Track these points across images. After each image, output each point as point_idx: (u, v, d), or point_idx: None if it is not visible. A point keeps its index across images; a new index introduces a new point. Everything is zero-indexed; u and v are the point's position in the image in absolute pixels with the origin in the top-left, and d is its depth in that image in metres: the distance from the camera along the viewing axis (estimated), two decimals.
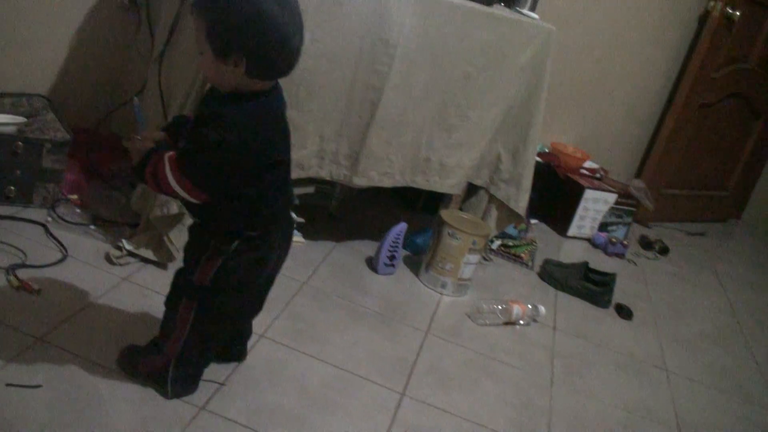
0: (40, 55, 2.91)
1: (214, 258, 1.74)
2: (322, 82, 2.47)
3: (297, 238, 2.87)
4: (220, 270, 1.75)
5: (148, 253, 2.40)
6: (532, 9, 3.03)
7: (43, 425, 1.64)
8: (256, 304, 2.02)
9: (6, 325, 1.91)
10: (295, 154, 2.53)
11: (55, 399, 1.73)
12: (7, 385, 1.72)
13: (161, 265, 2.40)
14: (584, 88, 4.32)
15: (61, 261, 2.28)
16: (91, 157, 2.83)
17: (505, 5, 2.98)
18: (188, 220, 2.39)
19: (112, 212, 2.63)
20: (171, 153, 1.65)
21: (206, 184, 1.65)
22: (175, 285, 1.85)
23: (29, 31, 2.85)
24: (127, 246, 2.39)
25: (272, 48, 1.58)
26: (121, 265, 2.34)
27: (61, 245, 2.36)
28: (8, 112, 2.62)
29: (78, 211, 2.58)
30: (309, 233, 2.93)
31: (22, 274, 2.14)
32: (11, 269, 2.13)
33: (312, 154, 2.59)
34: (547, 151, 4.12)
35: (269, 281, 1.97)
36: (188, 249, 1.83)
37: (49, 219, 2.49)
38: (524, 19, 2.86)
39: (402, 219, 2.93)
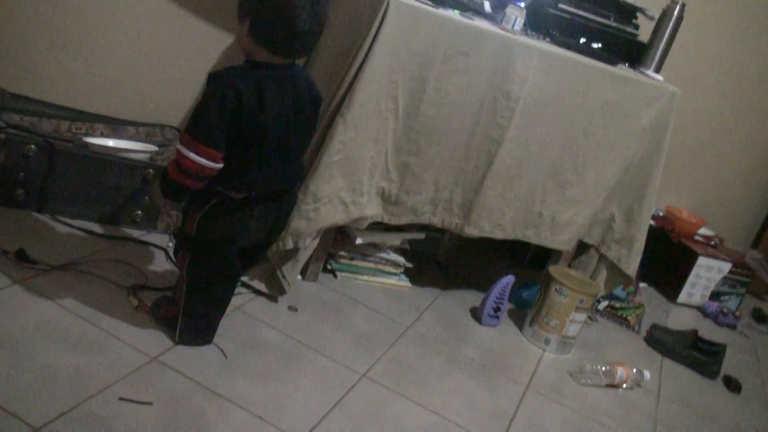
0: (175, 88, 3.05)
1: (196, 211, 1.98)
2: (442, 130, 2.51)
3: (403, 282, 2.91)
4: (199, 222, 1.97)
5: (261, 286, 2.47)
6: (657, 70, 3.01)
7: None
8: (241, 264, 2.16)
9: (124, 342, 2.00)
10: (410, 200, 2.59)
11: (163, 417, 1.79)
12: (120, 399, 1.79)
13: (272, 297, 2.47)
14: (704, 153, 4.24)
15: None
16: None
17: (629, 66, 2.97)
18: (302, 255, 2.47)
19: None
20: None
21: (212, 138, 1.82)
22: (176, 237, 2.15)
23: (167, 67, 2.99)
24: (242, 277, 2.47)
25: (275, 17, 1.82)
26: (234, 294, 2.41)
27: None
28: (142, 141, 2.75)
29: None
30: (416, 279, 2.96)
31: (142, 294, 2.24)
32: (132, 289, 2.23)
33: (426, 200, 2.63)
34: (661, 214, 4.05)
35: (258, 247, 2.17)
36: (186, 204, 2.07)
37: (170, 244, 2.59)
38: (648, 80, 2.85)
39: (508, 271, 2.92)
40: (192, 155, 1.82)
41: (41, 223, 2.45)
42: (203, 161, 1.83)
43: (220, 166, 1.87)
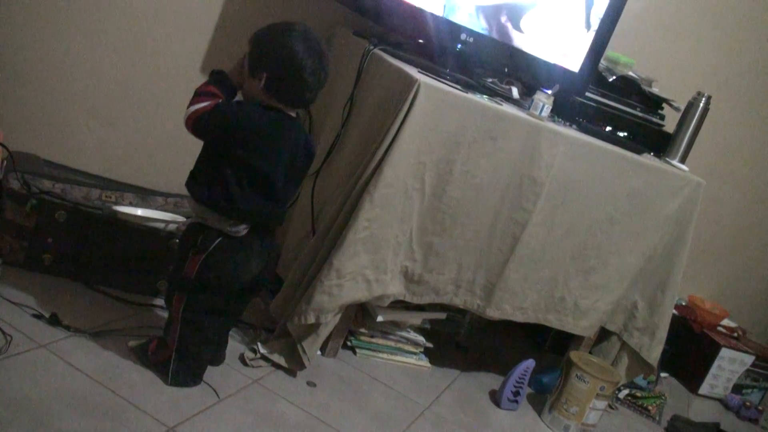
0: None
1: (199, 253, 2.08)
2: (467, 211, 2.53)
3: (423, 362, 2.89)
4: (203, 264, 2.08)
5: (281, 360, 2.46)
6: (682, 161, 3.03)
7: None
8: (238, 307, 2.31)
9: (141, 410, 2.00)
10: (433, 279, 2.59)
11: None
12: None
13: (291, 372, 2.46)
14: (728, 244, 4.23)
15: None
16: None
17: (654, 155, 3.00)
18: (323, 330, 2.47)
19: (251, 316, 2.72)
20: (212, 102, 2.04)
21: (199, 127, 2.06)
22: (169, 281, 2.22)
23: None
24: (262, 350, 2.47)
25: (288, 73, 2.02)
26: (253, 367, 2.41)
27: None
28: (170, 212, 2.78)
29: None
30: (435, 359, 2.94)
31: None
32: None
33: (449, 280, 2.63)
34: (684, 304, 4.03)
35: (252, 288, 2.26)
36: (180, 246, 2.20)
37: None
38: (673, 169, 2.87)
39: (529, 355, 2.90)
40: (192, 108, 2.04)
41: (67, 288, 2.47)
42: (186, 115, 2.06)
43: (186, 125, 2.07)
